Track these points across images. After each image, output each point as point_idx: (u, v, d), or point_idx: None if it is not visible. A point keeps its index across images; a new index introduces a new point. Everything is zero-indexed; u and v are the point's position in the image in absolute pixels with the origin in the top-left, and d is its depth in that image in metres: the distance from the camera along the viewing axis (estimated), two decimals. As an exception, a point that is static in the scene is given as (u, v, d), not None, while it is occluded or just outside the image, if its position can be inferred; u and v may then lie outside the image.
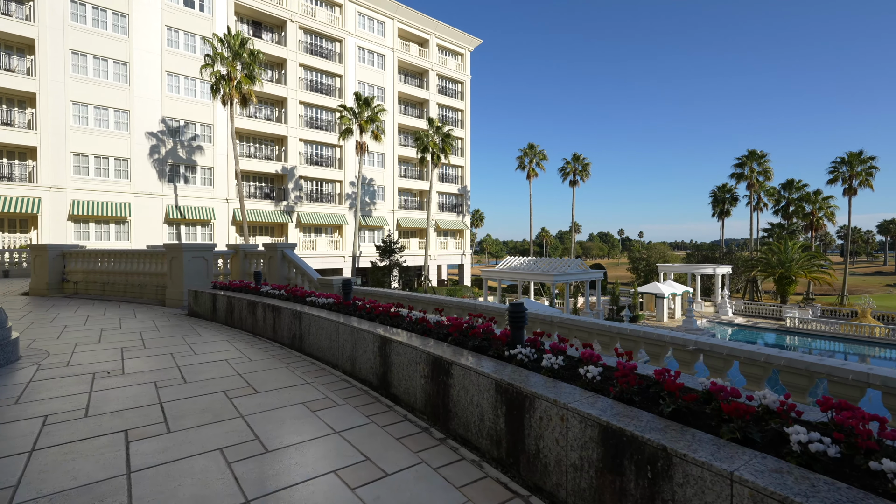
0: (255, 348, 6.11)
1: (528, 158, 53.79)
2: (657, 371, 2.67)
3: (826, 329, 32.13)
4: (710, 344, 4.07)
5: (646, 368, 3.13)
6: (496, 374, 3.06)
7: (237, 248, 11.90)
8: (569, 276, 33.85)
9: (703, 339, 4.12)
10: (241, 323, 7.64)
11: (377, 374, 4.50)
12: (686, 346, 4.27)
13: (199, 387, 4.37)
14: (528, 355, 3.30)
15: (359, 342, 4.83)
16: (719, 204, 58.09)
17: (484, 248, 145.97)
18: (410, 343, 3.99)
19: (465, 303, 6.67)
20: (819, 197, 48.60)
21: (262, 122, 36.47)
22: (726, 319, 36.47)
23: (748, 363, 4.02)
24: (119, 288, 12.32)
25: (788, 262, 40.97)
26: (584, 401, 2.54)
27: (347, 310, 5.81)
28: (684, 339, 4.34)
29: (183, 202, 32.39)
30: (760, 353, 3.94)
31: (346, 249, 40.42)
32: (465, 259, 51.27)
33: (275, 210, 36.70)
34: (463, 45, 50.88)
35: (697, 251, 61.63)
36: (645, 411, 2.39)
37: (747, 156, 49.35)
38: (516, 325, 3.60)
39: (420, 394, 3.86)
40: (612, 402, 2.51)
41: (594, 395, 2.63)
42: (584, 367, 2.92)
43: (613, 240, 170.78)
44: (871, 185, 45.52)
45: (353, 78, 41.35)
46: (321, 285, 9.37)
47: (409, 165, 48.14)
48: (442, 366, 3.58)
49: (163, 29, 31.44)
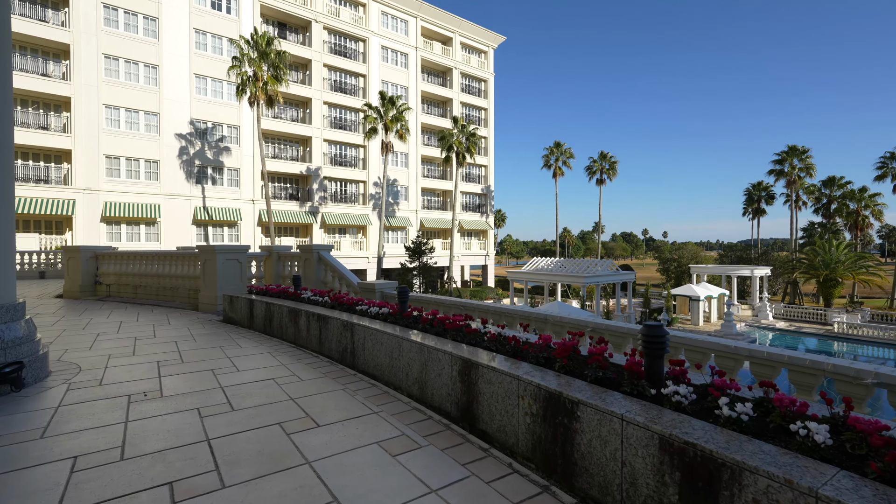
0: (301, 363, 5.46)
1: (555, 157, 52.48)
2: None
3: (877, 335, 29.96)
4: None
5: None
6: (658, 426, 2.26)
7: (270, 250, 11.39)
8: (599, 277, 32.60)
9: None
10: (282, 332, 7.03)
11: (457, 405, 3.75)
12: None
13: (249, 416, 3.70)
14: (687, 396, 2.50)
15: (430, 363, 4.09)
16: (753, 202, 55.57)
17: (504, 249, 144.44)
18: (509, 371, 3.23)
19: (538, 314, 5.87)
20: (865, 194, 45.79)
21: (287, 122, 36.43)
22: (766, 324, 34.57)
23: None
24: (151, 291, 11.98)
25: (834, 263, 38.56)
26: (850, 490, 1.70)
27: (407, 322, 5.09)
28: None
29: (210, 203, 32.53)
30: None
31: (371, 250, 40.06)
32: (489, 260, 50.35)
33: (299, 211, 36.59)
34: (486, 42, 50.00)
35: (731, 251, 59.09)
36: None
37: (787, 152, 46.86)
38: (654, 352, 2.78)
39: (525, 435, 3.09)
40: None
41: (858, 479, 1.76)
42: (796, 422, 2.10)
43: (637, 240, 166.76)
44: (925, 182, 42.59)
45: (376, 77, 40.99)
46: (362, 290, 8.72)
47: (433, 165, 47.53)
48: (561, 405, 2.80)
49: (191, 32, 31.64)
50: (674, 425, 2.25)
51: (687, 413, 2.43)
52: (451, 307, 7.12)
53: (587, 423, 2.63)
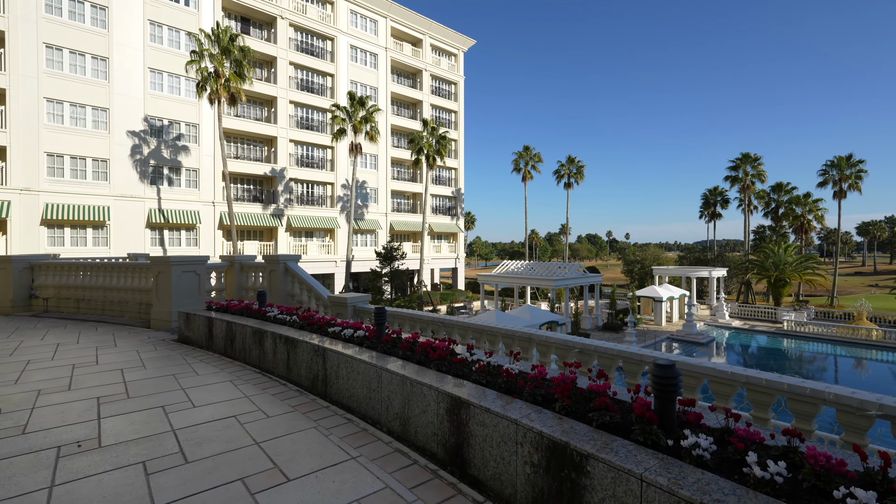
0: (267, 394, 4.94)
1: (524, 161, 53.10)
2: None
3: (822, 332, 31.95)
4: None
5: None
6: (686, 492, 1.99)
7: (232, 260, 10.63)
8: (568, 280, 33.12)
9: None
10: (245, 355, 6.44)
11: (445, 446, 3.40)
12: None
13: (205, 471, 3.20)
14: (708, 449, 2.26)
15: (414, 398, 3.73)
16: (710, 206, 58.30)
17: (474, 251, 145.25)
18: (505, 414, 2.91)
19: (522, 333, 5.60)
20: (809, 200, 48.94)
21: (250, 122, 34.91)
22: (723, 323, 36.19)
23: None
24: (96, 305, 10.92)
25: (783, 264, 40.98)
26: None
27: (385, 347, 4.69)
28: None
29: (166, 205, 30.65)
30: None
31: (339, 254, 39.02)
32: (459, 262, 50.25)
33: (263, 213, 35.13)
34: (456, 45, 49.97)
35: (689, 253, 61.74)
36: None
37: (741, 158, 49.49)
38: (667, 396, 2.55)
39: (524, 487, 2.78)
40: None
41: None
42: (836, 487, 1.89)
43: (601, 241, 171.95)
44: (860, 189, 46.01)
45: (345, 77, 40.04)
46: (333, 305, 8.21)
47: (402, 167, 46.97)
48: (568, 457, 2.51)
49: (145, 23, 29.73)
50: (702, 490, 2.00)
51: (710, 469, 2.19)
52: (430, 324, 6.75)
53: (599, 480, 2.35)
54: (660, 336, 31.28)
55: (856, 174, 45.27)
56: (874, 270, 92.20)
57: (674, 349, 28.97)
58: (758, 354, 29.59)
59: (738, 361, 28.31)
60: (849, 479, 1.95)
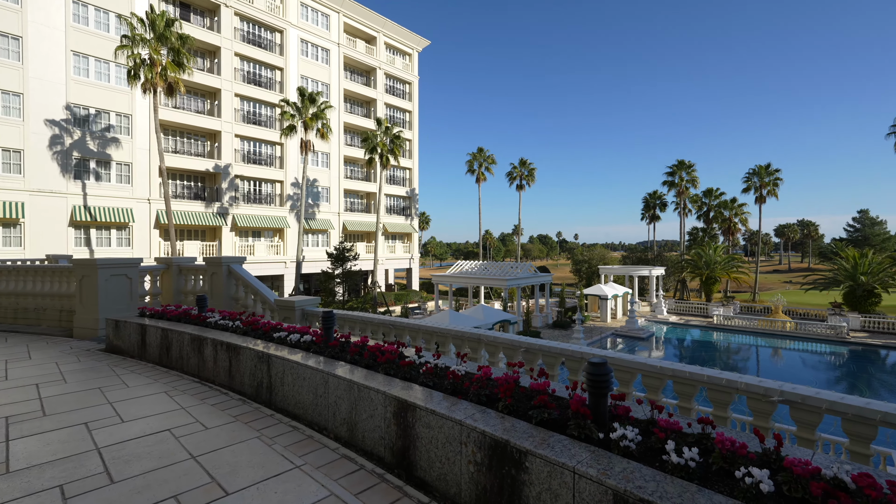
0: (207, 405, 4.71)
1: (478, 162, 53.91)
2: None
3: (746, 325, 35.07)
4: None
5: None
6: (612, 481, 2.15)
7: (169, 263, 9.96)
8: (520, 280, 34.04)
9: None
10: (183, 364, 6.08)
11: (392, 449, 3.41)
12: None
13: (133, 490, 3.00)
14: (634, 440, 2.44)
15: (361, 402, 3.70)
16: (650, 209, 62.16)
17: (428, 251, 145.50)
18: (450, 416, 2.97)
19: (471, 334, 5.71)
20: (735, 204, 53.55)
21: (191, 114, 32.83)
22: (661, 318, 38.70)
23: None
24: (7, 313, 9.84)
25: (713, 263, 44.58)
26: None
27: (333, 352, 4.62)
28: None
29: (94, 202, 28.13)
30: None
31: (288, 255, 37.64)
32: (414, 263, 50.17)
33: (206, 212, 33.17)
34: (411, 45, 49.83)
35: (632, 253, 65.48)
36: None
37: (677, 165, 53.19)
38: (599, 391, 2.72)
39: (468, 485, 2.86)
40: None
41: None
42: (739, 467, 2.12)
43: (552, 242, 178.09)
44: (777, 195, 50.92)
45: (295, 72, 38.70)
46: (280, 308, 7.93)
47: (356, 166, 46.16)
48: (508, 454, 2.61)
49: (67, 2, 27.11)
50: (627, 478, 2.16)
51: (635, 458, 2.37)
52: (381, 326, 6.71)
53: (536, 475, 2.47)
54: (605, 332, 32.93)
55: (773, 181, 50.03)
56: (788, 268, 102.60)
57: (618, 344, 30.62)
58: (692, 347, 31.93)
59: (675, 354, 30.40)
60: (749, 460, 2.18)
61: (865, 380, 23.72)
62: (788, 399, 3.39)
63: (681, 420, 2.71)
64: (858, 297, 35.38)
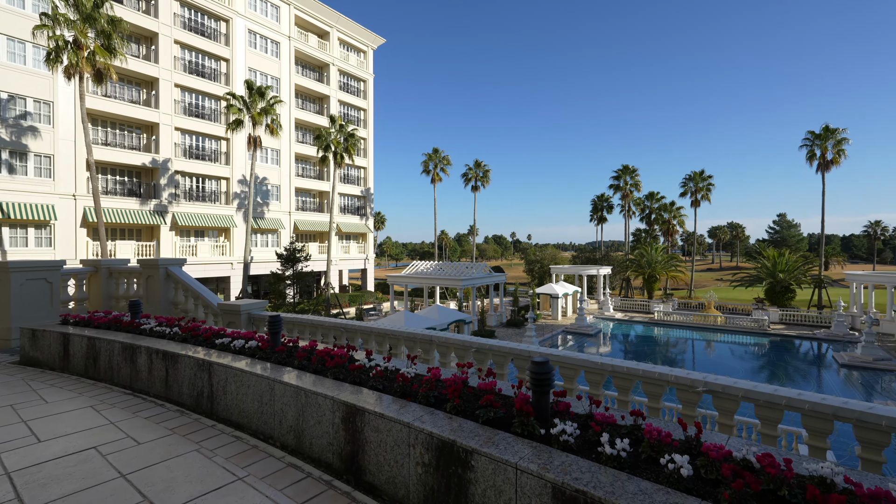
0: (139, 418, 4.40)
1: (433, 163, 54.05)
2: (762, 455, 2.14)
3: (683, 319, 37.70)
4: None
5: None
6: (551, 475, 2.26)
7: (98, 265, 9.18)
8: (475, 280, 34.53)
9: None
10: (113, 375, 5.64)
11: (341, 455, 3.37)
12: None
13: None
14: (573, 434, 2.58)
15: (309, 409, 3.62)
16: (598, 211, 65.22)
17: (384, 251, 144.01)
18: (399, 418, 2.99)
19: (423, 335, 5.73)
20: (674, 207, 57.42)
21: (125, 104, 30.41)
22: (608, 315, 40.73)
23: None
24: None
25: (654, 262, 47.57)
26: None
27: (280, 358, 4.48)
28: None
29: (6, 197, 25.34)
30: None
31: (235, 255, 35.84)
32: (369, 263, 49.46)
33: (142, 210, 30.87)
34: (366, 42, 49.09)
35: (581, 253, 68.36)
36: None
37: (622, 170, 56.19)
38: (541, 389, 2.84)
39: (416, 487, 2.88)
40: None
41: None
42: (664, 455, 2.30)
43: (506, 242, 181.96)
44: (710, 199, 55.12)
45: (242, 64, 36.92)
46: (224, 313, 7.55)
47: (308, 164, 44.79)
48: (455, 454, 2.67)
49: (-26, -27, 24.23)
50: (565, 471, 2.28)
51: (574, 451, 2.50)
52: (332, 330, 6.58)
53: (481, 472, 2.54)
54: (556, 330, 34.14)
55: (706, 186, 54.12)
56: (720, 267, 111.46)
57: (568, 341, 31.85)
58: (636, 342, 33.84)
59: (621, 349, 32.08)
60: (673, 448, 2.38)
61: (783, 367, 26.27)
62: (711, 389, 3.71)
63: (616, 413, 2.89)
64: (777, 292, 39.14)
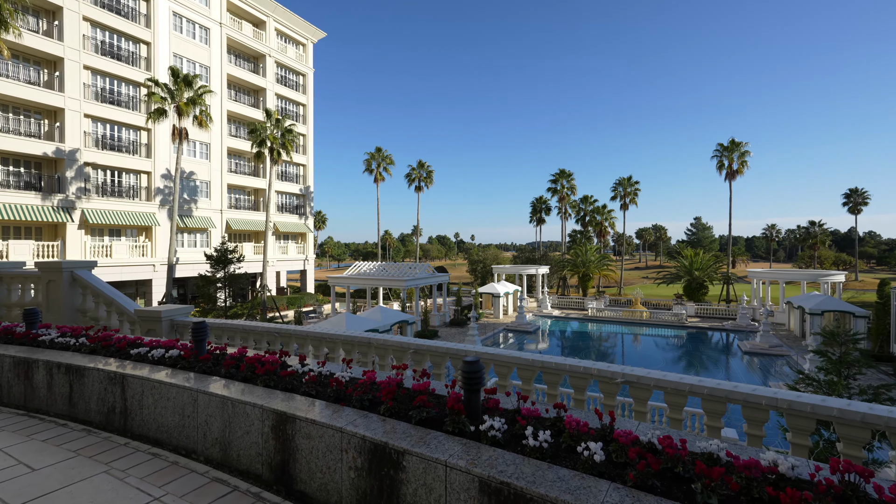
0: (36, 441, 3.94)
1: (376, 162, 53.31)
2: (663, 438, 2.38)
3: (613, 315, 40.39)
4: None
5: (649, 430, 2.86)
6: (478, 469, 2.35)
7: (-16, 269, 8.03)
8: (418, 280, 34.58)
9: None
10: (2, 395, 4.97)
11: (271, 465, 3.25)
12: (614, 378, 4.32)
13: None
14: (500, 429, 2.70)
15: (236, 419, 3.45)
16: (537, 213, 68.00)
17: (326, 251, 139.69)
18: (331, 424, 2.94)
19: (361, 338, 5.65)
20: (605, 210, 61.34)
21: (20, 85, 26.81)
22: (547, 313, 42.60)
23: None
24: None
25: (588, 262, 50.52)
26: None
27: (205, 366, 4.22)
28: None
29: None
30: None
31: (158, 256, 32.95)
32: (308, 264, 47.72)
33: (44, 205, 27.42)
34: (305, 35, 47.31)
35: (522, 253, 70.87)
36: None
37: (559, 174, 59.03)
38: (472, 387, 2.95)
39: (349, 492, 2.86)
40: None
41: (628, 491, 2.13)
42: (581, 443, 2.48)
43: (450, 242, 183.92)
44: (637, 203, 59.54)
45: (166, 49, 34.02)
46: (142, 320, 6.94)
47: (242, 160, 42.30)
48: (387, 456, 2.68)
49: None
50: (491, 465, 2.39)
51: (501, 446, 2.62)
52: (265, 335, 6.29)
53: (413, 472, 2.58)
54: (498, 328, 35.10)
55: (634, 191, 58.39)
56: (646, 266, 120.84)
57: (509, 338, 32.88)
58: (572, 338, 35.70)
59: (558, 345, 33.68)
60: (590, 436, 2.57)
61: (698, 356, 29.05)
62: (628, 380, 4.04)
63: (541, 407, 3.07)
64: (693, 289, 43.19)
